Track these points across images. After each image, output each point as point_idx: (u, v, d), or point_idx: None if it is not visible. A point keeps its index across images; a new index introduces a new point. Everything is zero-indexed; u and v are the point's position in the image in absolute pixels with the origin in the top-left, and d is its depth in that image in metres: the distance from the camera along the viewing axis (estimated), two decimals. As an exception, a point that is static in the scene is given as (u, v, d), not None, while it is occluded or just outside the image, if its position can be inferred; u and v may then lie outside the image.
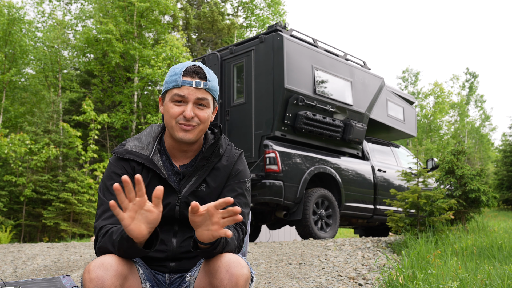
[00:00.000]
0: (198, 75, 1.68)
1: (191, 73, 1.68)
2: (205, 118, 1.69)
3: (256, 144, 6.98)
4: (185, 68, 1.68)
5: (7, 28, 19.81)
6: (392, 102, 9.00)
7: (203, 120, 1.69)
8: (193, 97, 1.67)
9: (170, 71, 1.73)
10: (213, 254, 1.51)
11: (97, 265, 1.44)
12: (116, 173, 1.69)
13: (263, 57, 7.11)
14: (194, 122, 1.67)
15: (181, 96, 1.67)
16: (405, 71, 36.95)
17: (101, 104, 22.43)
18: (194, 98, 1.67)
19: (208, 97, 1.69)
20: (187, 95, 1.67)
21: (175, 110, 1.67)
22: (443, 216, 5.57)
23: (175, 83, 1.68)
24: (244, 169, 1.79)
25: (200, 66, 1.71)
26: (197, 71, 1.68)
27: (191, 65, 1.70)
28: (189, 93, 1.67)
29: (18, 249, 7.24)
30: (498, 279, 3.09)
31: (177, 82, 1.67)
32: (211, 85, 1.70)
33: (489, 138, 38.88)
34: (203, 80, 1.68)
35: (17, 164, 17.19)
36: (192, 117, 1.66)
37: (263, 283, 3.93)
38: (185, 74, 1.68)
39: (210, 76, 1.71)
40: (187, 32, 25.09)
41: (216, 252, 1.51)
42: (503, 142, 25.43)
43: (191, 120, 1.67)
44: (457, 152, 6.44)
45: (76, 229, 16.97)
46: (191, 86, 1.66)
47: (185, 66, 1.69)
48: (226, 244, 1.53)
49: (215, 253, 1.51)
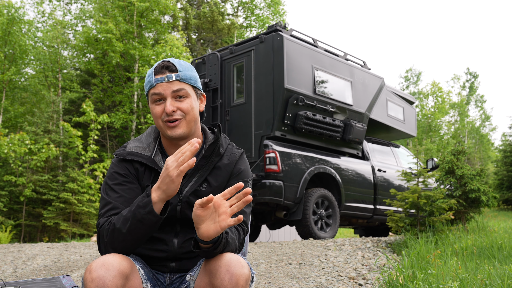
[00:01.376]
0: (168, 69, 1.69)
1: (161, 69, 1.69)
2: (188, 109, 1.69)
3: (256, 144, 6.98)
4: (155, 67, 1.71)
5: (6, 28, 19.81)
6: (392, 102, 9.00)
7: (186, 110, 1.68)
8: (169, 91, 1.68)
9: (146, 74, 1.75)
10: (213, 254, 1.51)
11: (99, 265, 1.43)
12: (119, 173, 1.70)
13: (263, 57, 7.11)
14: (177, 115, 1.68)
15: (158, 94, 1.68)
16: (409, 70, 36.94)
17: (101, 104, 22.42)
18: (170, 92, 1.68)
19: (185, 87, 1.69)
20: (162, 92, 1.68)
21: (157, 110, 1.69)
22: (443, 216, 5.57)
23: (150, 84, 1.70)
24: (246, 169, 1.79)
25: (169, 60, 1.72)
26: (166, 66, 1.70)
27: (160, 62, 1.71)
28: (164, 89, 1.68)
29: (18, 249, 7.24)
30: (498, 279, 3.10)
31: (151, 82, 1.69)
32: (183, 75, 1.70)
33: (489, 138, 38.88)
34: (173, 73, 1.69)
35: (17, 164, 17.18)
36: (173, 110, 1.67)
37: (263, 283, 3.93)
38: (156, 73, 1.69)
39: (182, 67, 1.71)
40: (187, 32, 25.09)
41: (217, 252, 1.51)
42: (503, 142, 25.45)
43: (174, 114, 1.67)
44: (457, 152, 6.44)
45: (76, 229, 16.97)
46: (163, 81, 1.68)
47: (155, 65, 1.72)
48: (227, 244, 1.53)
49: (216, 253, 1.51)
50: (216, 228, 1.44)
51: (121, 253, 1.52)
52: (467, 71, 38.16)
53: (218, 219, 1.44)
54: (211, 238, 1.46)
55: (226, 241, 1.52)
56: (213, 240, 1.49)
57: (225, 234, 1.52)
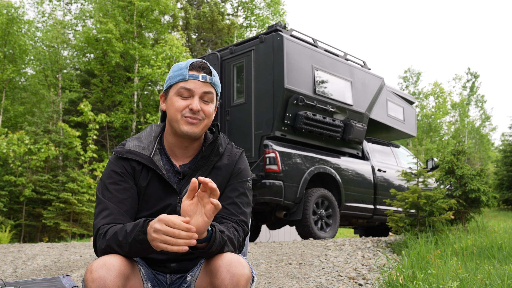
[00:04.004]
0: (204, 70, 1.70)
1: (197, 68, 1.69)
2: (210, 113, 1.71)
3: (256, 144, 6.98)
4: (191, 63, 1.70)
5: (6, 28, 19.81)
6: (392, 102, 9.00)
7: (208, 114, 1.70)
8: (200, 90, 1.68)
9: (174, 66, 1.74)
10: (211, 253, 1.51)
11: (100, 265, 1.43)
12: (116, 171, 1.69)
13: (263, 57, 7.11)
14: (199, 116, 1.68)
15: (188, 89, 1.67)
16: (407, 71, 36.96)
17: (101, 104, 22.42)
18: (201, 92, 1.68)
19: (213, 92, 1.71)
20: (193, 89, 1.67)
21: (180, 103, 1.67)
22: (443, 216, 5.57)
23: (182, 76, 1.68)
24: (245, 168, 1.79)
25: (205, 62, 1.73)
26: (203, 66, 1.70)
27: (197, 60, 1.72)
28: (196, 87, 1.68)
29: (18, 249, 7.25)
30: (498, 279, 3.10)
31: (184, 76, 1.68)
32: (216, 80, 1.72)
33: (489, 138, 38.89)
34: (209, 75, 1.70)
35: (17, 164, 17.18)
36: (199, 110, 1.67)
37: (263, 283, 3.93)
38: (191, 69, 1.69)
39: (214, 72, 1.73)
40: (187, 32, 25.09)
41: (214, 251, 1.50)
42: (503, 142, 25.45)
43: (197, 113, 1.67)
44: (457, 152, 6.44)
45: (76, 229, 16.97)
46: (197, 79, 1.68)
47: (190, 61, 1.72)
48: (224, 243, 1.52)
49: (213, 252, 1.50)
50: (204, 220, 1.43)
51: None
52: (468, 71, 38.18)
53: (203, 211, 1.43)
54: (203, 232, 1.45)
55: (222, 239, 1.51)
56: (207, 238, 1.48)
57: (219, 233, 1.51)
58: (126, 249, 1.49)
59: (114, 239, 1.51)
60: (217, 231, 1.51)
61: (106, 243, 1.53)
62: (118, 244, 1.50)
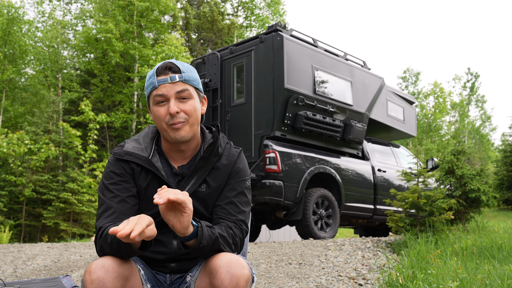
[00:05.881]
0: (171, 70, 1.68)
1: (164, 70, 1.67)
2: (191, 111, 1.67)
3: (256, 144, 6.98)
4: (157, 68, 1.69)
5: (6, 28, 19.80)
6: (392, 102, 9.00)
7: (189, 112, 1.67)
8: (172, 92, 1.66)
9: (147, 76, 1.73)
10: (204, 250, 1.51)
11: (98, 266, 1.43)
12: (115, 172, 1.69)
13: (263, 57, 7.11)
14: (181, 118, 1.66)
15: (161, 95, 1.66)
16: (406, 71, 36.96)
17: (101, 104, 22.42)
18: (173, 93, 1.66)
19: (188, 88, 1.68)
20: (166, 93, 1.66)
21: (160, 112, 1.66)
22: (443, 216, 5.57)
23: (152, 85, 1.68)
24: (244, 167, 1.78)
25: (171, 61, 1.70)
26: (169, 67, 1.68)
27: (162, 63, 1.70)
28: (168, 90, 1.66)
29: (18, 249, 7.24)
30: (498, 279, 3.09)
31: (154, 84, 1.67)
32: (186, 76, 1.69)
33: (489, 138, 38.88)
34: (177, 73, 1.67)
35: (17, 164, 17.18)
36: (177, 111, 1.64)
37: (263, 283, 3.93)
38: (158, 74, 1.67)
39: (185, 68, 1.70)
40: (187, 32, 25.09)
41: (206, 246, 1.50)
42: (503, 142, 25.45)
43: (177, 116, 1.65)
44: (457, 152, 6.44)
45: (76, 229, 16.97)
46: (166, 82, 1.66)
47: (157, 66, 1.70)
48: (215, 238, 1.52)
49: (205, 247, 1.50)
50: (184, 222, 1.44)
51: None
52: (468, 71, 38.17)
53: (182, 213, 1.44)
54: (187, 228, 1.46)
55: (212, 233, 1.51)
56: (194, 233, 1.48)
57: (206, 227, 1.51)
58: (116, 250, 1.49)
59: (105, 240, 1.51)
60: (203, 225, 1.51)
61: (101, 244, 1.53)
62: (108, 245, 1.50)
